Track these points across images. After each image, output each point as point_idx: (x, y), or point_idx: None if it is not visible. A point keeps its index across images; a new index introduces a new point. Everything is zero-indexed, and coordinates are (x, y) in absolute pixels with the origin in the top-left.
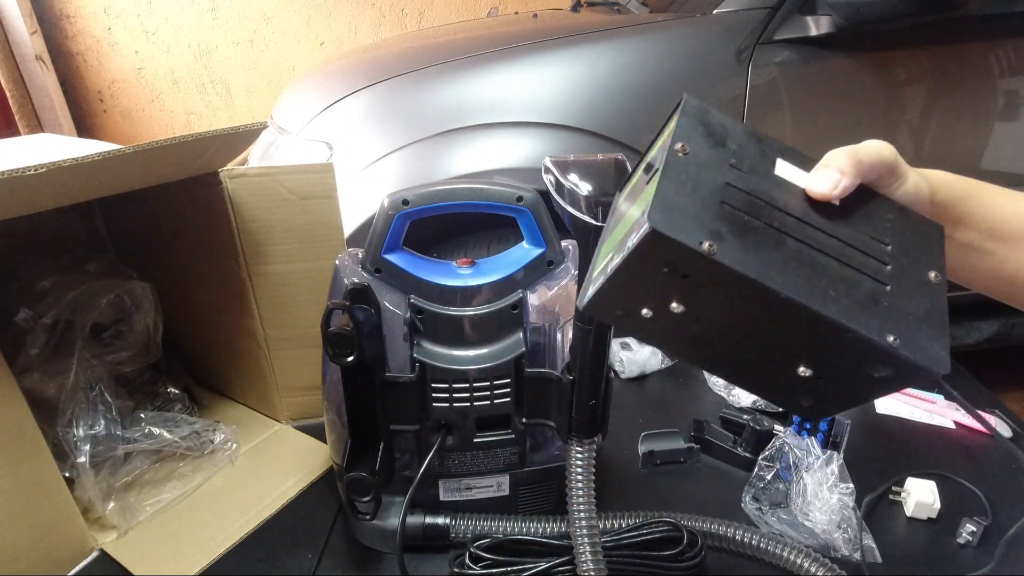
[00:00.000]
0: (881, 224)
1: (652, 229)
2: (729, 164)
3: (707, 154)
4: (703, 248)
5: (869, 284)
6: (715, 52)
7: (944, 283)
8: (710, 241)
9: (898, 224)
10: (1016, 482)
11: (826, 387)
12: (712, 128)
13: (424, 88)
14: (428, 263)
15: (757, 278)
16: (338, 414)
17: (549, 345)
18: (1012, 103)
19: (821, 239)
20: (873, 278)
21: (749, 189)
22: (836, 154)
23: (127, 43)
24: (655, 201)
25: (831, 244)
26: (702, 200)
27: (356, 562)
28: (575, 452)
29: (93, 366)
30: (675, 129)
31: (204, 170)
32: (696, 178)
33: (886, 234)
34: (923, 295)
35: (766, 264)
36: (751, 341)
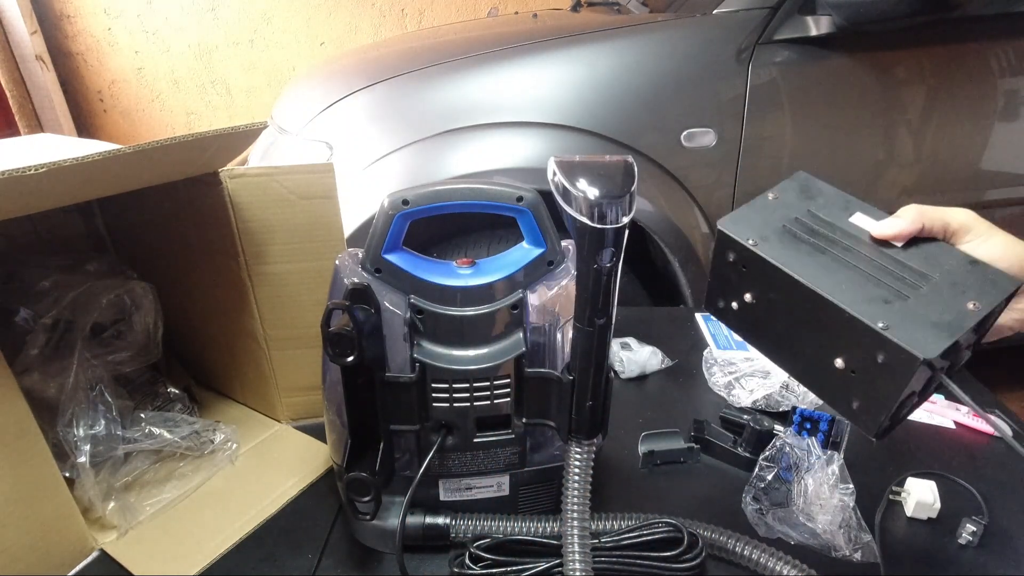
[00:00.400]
0: (937, 264)
1: (719, 228)
2: (807, 209)
3: (792, 201)
4: (748, 243)
5: (887, 292)
6: (715, 52)
7: (980, 312)
8: (755, 239)
9: (961, 269)
10: (1016, 482)
11: (862, 384)
12: (808, 188)
13: (424, 88)
14: (428, 263)
15: (782, 266)
16: (338, 414)
17: (549, 345)
18: (1012, 103)
19: (862, 259)
20: (895, 289)
21: (813, 222)
22: (908, 208)
23: (127, 43)
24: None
25: (869, 263)
26: (766, 220)
27: (356, 562)
28: (574, 452)
29: (93, 366)
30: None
31: (204, 170)
32: (773, 210)
33: (937, 271)
34: (946, 311)
35: (796, 260)
36: (800, 333)
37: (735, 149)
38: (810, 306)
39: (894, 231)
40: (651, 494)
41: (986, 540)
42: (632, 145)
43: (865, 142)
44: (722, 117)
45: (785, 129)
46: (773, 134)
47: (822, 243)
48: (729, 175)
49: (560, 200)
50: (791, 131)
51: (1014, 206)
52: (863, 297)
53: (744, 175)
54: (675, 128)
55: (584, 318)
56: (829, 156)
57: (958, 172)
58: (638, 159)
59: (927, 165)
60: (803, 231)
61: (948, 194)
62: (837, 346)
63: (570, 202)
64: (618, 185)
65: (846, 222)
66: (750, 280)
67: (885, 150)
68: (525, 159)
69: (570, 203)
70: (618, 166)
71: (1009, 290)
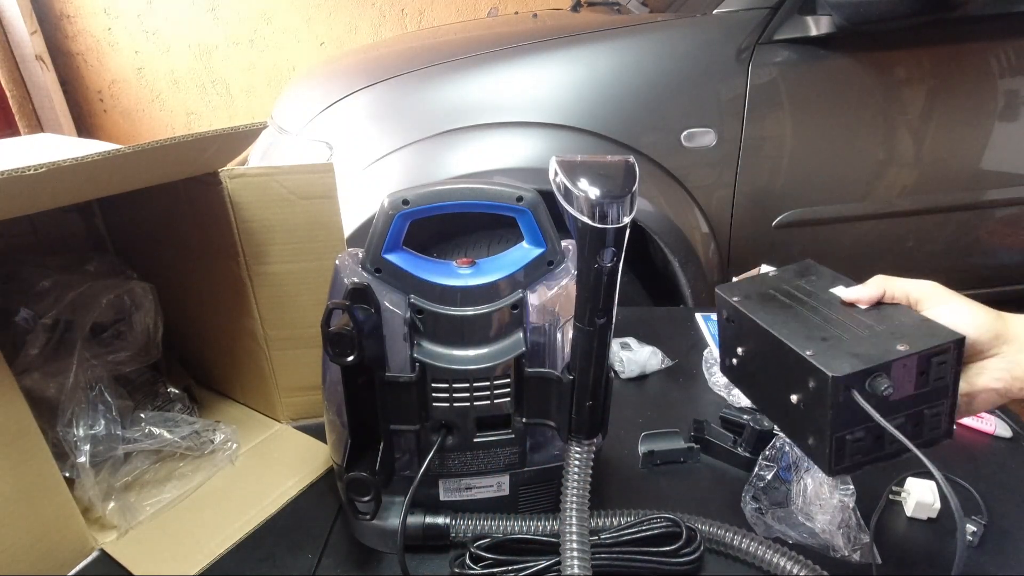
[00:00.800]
0: (889, 320)
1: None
2: (797, 283)
3: (788, 277)
4: (733, 300)
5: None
6: (715, 52)
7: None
8: (740, 298)
9: (909, 324)
10: (1016, 482)
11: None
12: (807, 270)
13: (424, 88)
14: (428, 263)
15: (751, 315)
16: (338, 414)
17: (549, 345)
18: (1012, 103)
19: (822, 314)
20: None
21: (794, 290)
22: (875, 277)
23: (127, 43)
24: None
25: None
26: (756, 287)
27: (356, 562)
28: (574, 452)
29: (93, 366)
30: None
31: (204, 170)
32: (765, 281)
33: (886, 324)
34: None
35: (764, 312)
36: (770, 375)
37: (735, 149)
38: (772, 349)
39: (858, 295)
40: (651, 494)
41: (986, 540)
42: (632, 145)
43: (865, 142)
44: (722, 117)
45: (785, 129)
46: (773, 134)
47: (794, 303)
48: (729, 175)
49: (561, 200)
50: (791, 131)
51: (1014, 206)
52: (806, 336)
53: (744, 175)
54: (675, 128)
55: (584, 318)
56: (829, 156)
57: (958, 172)
58: (638, 159)
59: (927, 165)
60: (782, 295)
61: (948, 194)
62: (790, 382)
63: (572, 202)
64: (619, 185)
65: (825, 291)
66: (739, 335)
67: (885, 150)
68: (525, 159)
69: (572, 203)
70: (619, 166)
71: (946, 339)
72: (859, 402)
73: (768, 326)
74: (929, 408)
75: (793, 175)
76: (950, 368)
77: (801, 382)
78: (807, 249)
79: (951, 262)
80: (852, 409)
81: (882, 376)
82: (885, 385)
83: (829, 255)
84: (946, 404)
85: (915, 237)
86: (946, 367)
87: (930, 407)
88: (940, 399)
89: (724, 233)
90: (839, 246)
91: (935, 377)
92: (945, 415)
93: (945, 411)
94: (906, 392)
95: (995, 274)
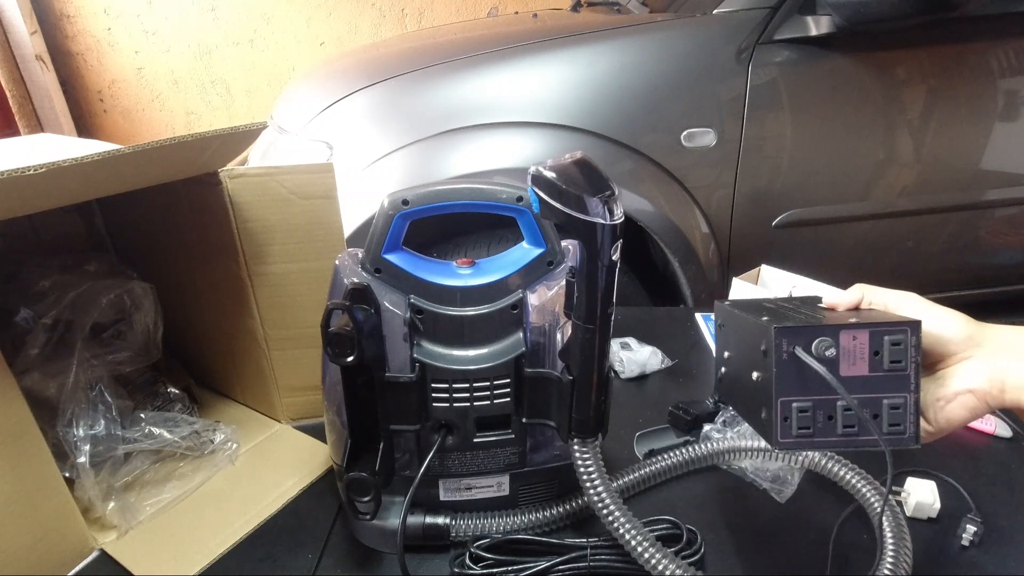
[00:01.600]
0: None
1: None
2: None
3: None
4: (725, 304)
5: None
6: (715, 52)
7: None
8: (730, 303)
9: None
10: (1016, 482)
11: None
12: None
13: (424, 88)
14: (428, 263)
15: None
16: (338, 414)
17: (549, 345)
18: (1012, 103)
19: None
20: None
21: (782, 301)
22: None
23: (127, 43)
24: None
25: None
26: (755, 302)
27: (356, 562)
28: (579, 453)
29: (93, 366)
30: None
31: (204, 170)
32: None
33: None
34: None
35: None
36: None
37: (735, 149)
38: (746, 337)
39: (837, 300)
40: (650, 493)
41: (986, 540)
42: (632, 145)
43: (865, 142)
44: (722, 117)
45: (785, 129)
46: (773, 134)
47: (778, 306)
48: (729, 175)
49: (568, 209)
50: (791, 131)
51: (1014, 206)
52: (770, 319)
53: (744, 175)
54: (675, 128)
55: (587, 316)
56: (829, 156)
57: (958, 172)
58: (638, 159)
59: (927, 165)
60: (768, 303)
61: (948, 194)
62: (754, 359)
63: (578, 205)
64: (606, 179)
65: (811, 304)
66: (726, 339)
67: (885, 150)
68: (525, 159)
69: (583, 208)
70: (586, 163)
71: (901, 321)
72: (802, 357)
73: (745, 314)
74: (888, 399)
75: (793, 175)
76: (907, 354)
77: (759, 353)
78: (807, 249)
79: (951, 262)
80: (799, 373)
81: (827, 340)
82: (829, 346)
83: (829, 255)
84: (908, 400)
85: (915, 237)
86: (901, 350)
87: (889, 398)
88: (900, 391)
89: (724, 233)
90: (839, 246)
91: (891, 360)
92: (910, 415)
93: (908, 409)
94: (859, 371)
95: (995, 274)
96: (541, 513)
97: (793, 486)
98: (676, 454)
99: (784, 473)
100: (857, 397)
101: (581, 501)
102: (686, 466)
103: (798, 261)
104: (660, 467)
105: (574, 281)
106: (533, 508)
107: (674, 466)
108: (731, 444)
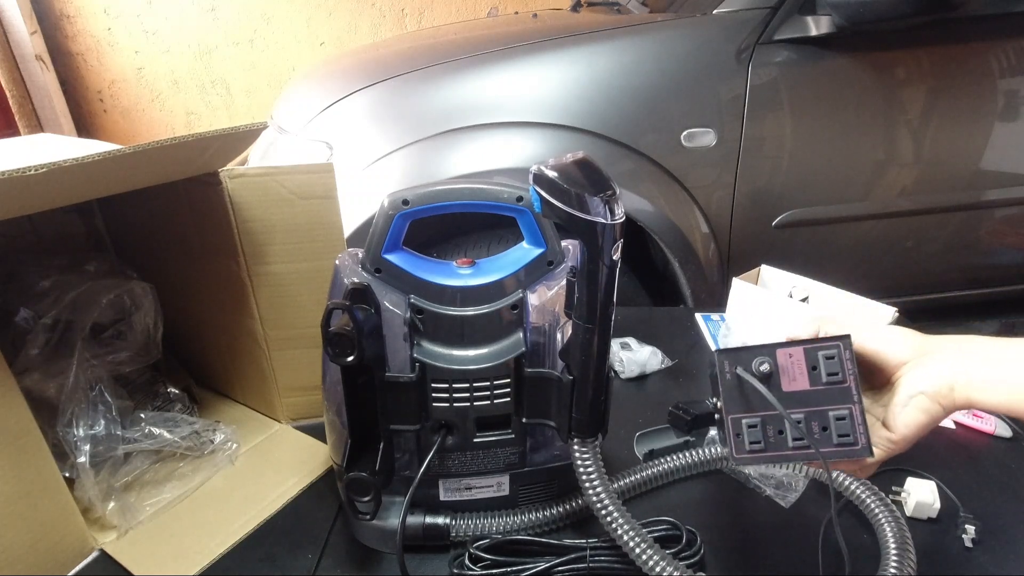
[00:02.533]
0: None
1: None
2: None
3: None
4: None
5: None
6: (715, 52)
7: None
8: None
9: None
10: (1016, 482)
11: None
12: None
13: (424, 88)
14: (428, 263)
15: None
16: (338, 414)
17: (549, 345)
18: (1012, 103)
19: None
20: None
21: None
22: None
23: (127, 43)
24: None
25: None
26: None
27: (356, 562)
28: (578, 453)
29: (93, 366)
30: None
31: (204, 170)
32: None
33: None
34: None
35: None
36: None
37: (735, 149)
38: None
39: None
40: (650, 493)
41: (986, 540)
42: (632, 145)
43: (865, 142)
44: (722, 117)
45: (785, 129)
46: (773, 134)
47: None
48: (729, 175)
49: (570, 208)
50: (791, 131)
51: (1014, 206)
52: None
53: (744, 175)
54: (675, 128)
55: (587, 315)
56: (829, 156)
57: (958, 172)
58: (638, 159)
59: (927, 165)
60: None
61: (948, 194)
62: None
63: (581, 205)
64: (607, 179)
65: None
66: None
67: (885, 150)
68: (525, 159)
69: (584, 207)
70: (587, 162)
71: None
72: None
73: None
74: (834, 411)
75: (793, 175)
76: (843, 366)
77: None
78: (807, 249)
79: (951, 262)
80: (744, 392)
81: (764, 358)
82: (764, 362)
83: (829, 255)
84: (853, 411)
85: (915, 237)
86: (836, 363)
87: (834, 410)
88: (844, 402)
89: (724, 233)
90: (839, 246)
91: (828, 372)
92: (858, 425)
93: (855, 419)
94: (800, 385)
95: (995, 274)
96: (541, 513)
97: (798, 492)
98: (678, 457)
99: (789, 480)
100: (802, 410)
101: (581, 501)
102: (689, 469)
103: (798, 261)
104: (662, 470)
105: (574, 281)
106: (533, 508)
107: (676, 469)
108: None
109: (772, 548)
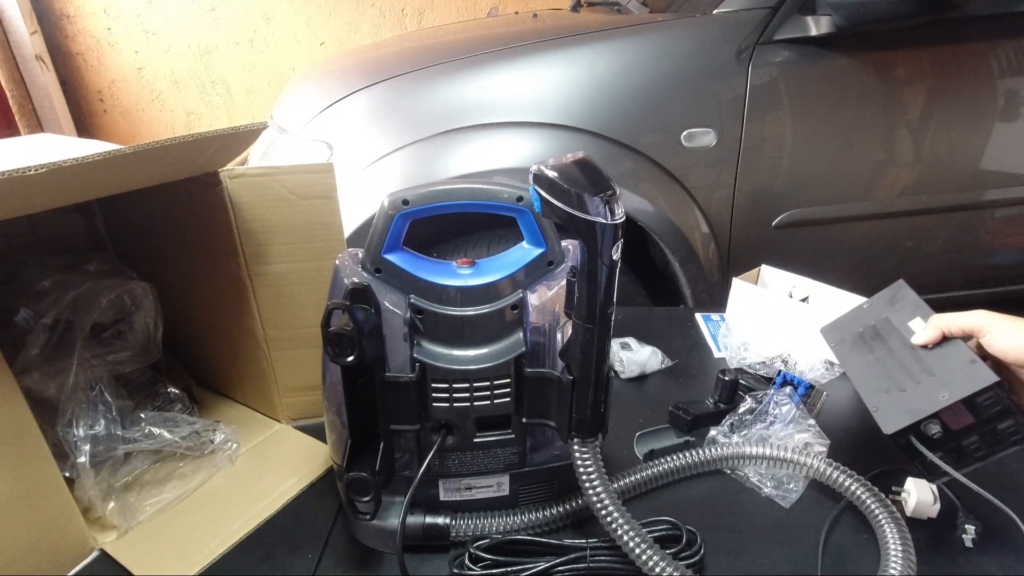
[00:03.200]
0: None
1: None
2: (885, 316)
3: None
4: (832, 345)
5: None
6: (715, 52)
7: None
8: (836, 342)
9: (959, 366)
10: (1016, 482)
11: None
12: (896, 296)
13: (424, 88)
14: (428, 263)
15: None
16: (338, 414)
17: (549, 345)
18: (1012, 103)
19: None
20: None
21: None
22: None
23: (127, 43)
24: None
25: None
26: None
27: (356, 562)
28: (578, 453)
29: (93, 366)
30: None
31: (204, 170)
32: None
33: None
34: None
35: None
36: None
37: (735, 149)
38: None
39: (922, 341)
40: (650, 493)
41: (986, 540)
42: (632, 145)
43: (865, 142)
44: (722, 117)
45: (785, 129)
46: (773, 134)
47: (877, 344)
48: (729, 175)
49: (570, 208)
50: (791, 131)
51: (1014, 206)
52: (874, 388)
53: (744, 175)
54: (675, 128)
55: (587, 315)
56: (829, 156)
57: (958, 172)
58: (638, 159)
59: (927, 165)
60: (870, 334)
61: (948, 194)
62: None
63: (581, 205)
64: (607, 179)
65: (905, 326)
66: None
67: (885, 150)
68: (525, 159)
69: (584, 206)
70: (587, 162)
71: (982, 386)
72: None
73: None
74: (1000, 423)
75: (793, 175)
76: (999, 400)
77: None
78: (807, 249)
79: (951, 262)
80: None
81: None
82: (935, 430)
83: (829, 255)
84: (1016, 420)
85: (915, 237)
86: (993, 400)
87: (1000, 423)
88: (1006, 418)
89: (724, 233)
90: (839, 246)
91: (988, 408)
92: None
93: (1019, 424)
94: (965, 422)
95: (995, 274)
96: (541, 513)
97: (798, 492)
98: (678, 457)
99: (789, 480)
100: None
101: (581, 501)
102: (689, 469)
103: (798, 261)
104: (662, 470)
105: (574, 281)
106: (533, 508)
107: (676, 469)
108: (735, 450)
109: (772, 548)
